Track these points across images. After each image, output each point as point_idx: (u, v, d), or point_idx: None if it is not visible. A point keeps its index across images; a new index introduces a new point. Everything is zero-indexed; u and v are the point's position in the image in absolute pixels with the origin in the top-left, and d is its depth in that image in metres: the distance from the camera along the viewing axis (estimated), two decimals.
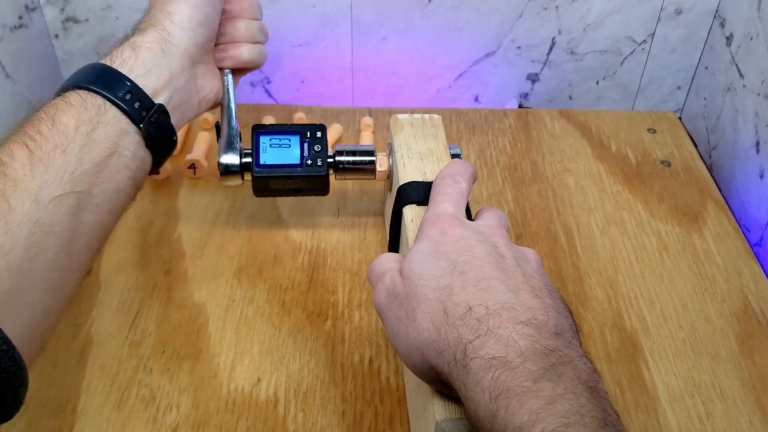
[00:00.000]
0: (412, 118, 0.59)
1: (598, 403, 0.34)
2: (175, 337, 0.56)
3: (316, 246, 0.64)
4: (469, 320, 0.36)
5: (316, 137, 0.60)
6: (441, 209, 0.45)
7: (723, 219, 0.68)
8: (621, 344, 0.57)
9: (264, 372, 0.54)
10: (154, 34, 0.51)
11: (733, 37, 0.75)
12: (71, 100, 0.45)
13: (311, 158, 0.60)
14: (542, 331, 0.36)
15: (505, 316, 0.36)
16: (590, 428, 0.32)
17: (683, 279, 0.62)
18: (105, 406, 0.51)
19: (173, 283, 0.61)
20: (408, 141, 0.57)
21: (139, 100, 0.47)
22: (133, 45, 0.50)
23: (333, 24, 0.79)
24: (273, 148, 0.60)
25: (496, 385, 0.34)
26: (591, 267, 0.63)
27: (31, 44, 0.75)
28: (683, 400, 0.53)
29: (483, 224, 0.43)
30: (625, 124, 0.80)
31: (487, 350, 0.35)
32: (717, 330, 0.58)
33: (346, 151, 0.61)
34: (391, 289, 0.41)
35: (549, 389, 0.33)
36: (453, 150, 0.57)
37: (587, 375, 0.35)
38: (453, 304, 0.37)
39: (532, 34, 0.80)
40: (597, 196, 0.71)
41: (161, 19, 0.52)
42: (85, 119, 0.45)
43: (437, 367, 0.38)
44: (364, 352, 0.56)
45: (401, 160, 0.55)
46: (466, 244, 0.40)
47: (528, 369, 0.34)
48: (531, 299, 0.37)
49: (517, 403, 0.33)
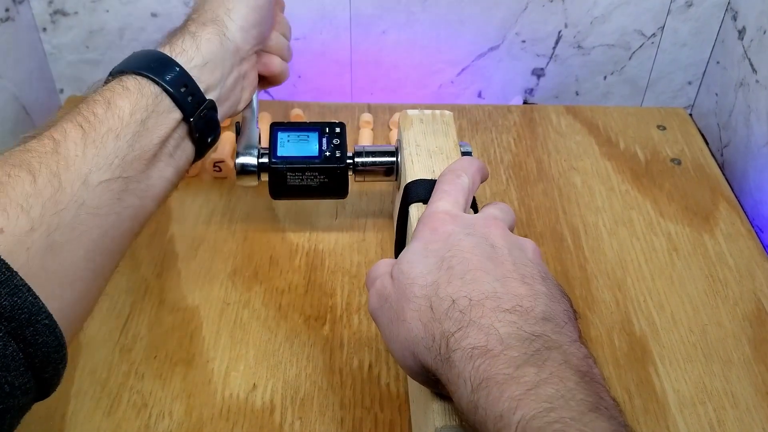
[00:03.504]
0: (422, 114, 0.59)
1: (588, 388, 0.33)
2: (167, 342, 0.56)
3: (313, 247, 0.64)
4: (452, 313, 0.37)
5: (335, 132, 0.61)
6: (435, 207, 0.45)
7: (735, 219, 0.69)
8: (629, 349, 0.57)
9: (260, 378, 0.54)
10: (214, 28, 0.52)
11: (745, 31, 0.75)
12: (128, 85, 0.47)
13: (330, 151, 0.60)
14: (527, 318, 0.36)
15: (489, 306, 0.37)
16: (576, 411, 0.32)
17: (694, 281, 0.62)
18: (95, 413, 0.51)
19: (166, 286, 0.61)
20: (417, 138, 0.57)
21: (192, 94, 0.49)
22: (193, 35, 0.51)
23: (331, 17, 0.79)
24: (291, 142, 0.60)
25: (476, 375, 0.34)
26: (598, 269, 0.63)
27: (18, 38, 0.76)
28: (694, 407, 0.53)
29: (478, 217, 0.44)
30: (633, 120, 0.80)
31: (468, 341, 0.36)
32: (729, 334, 0.58)
33: (366, 151, 0.60)
34: (382, 292, 0.42)
35: (532, 375, 0.34)
36: (464, 148, 0.57)
37: (578, 360, 0.35)
38: (438, 299, 0.38)
39: (538, 27, 0.80)
40: (605, 196, 0.71)
41: (220, 15, 0.53)
42: (141, 106, 0.46)
43: (427, 364, 0.38)
44: (363, 358, 0.56)
45: (409, 157, 0.55)
46: (455, 240, 0.41)
47: (509, 356, 0.34)
48: (519, 287, 0.38)
49: (498, 392, 0.33)
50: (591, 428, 0.32)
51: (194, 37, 0.51)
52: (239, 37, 0.54)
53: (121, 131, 0.45)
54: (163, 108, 0.48)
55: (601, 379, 0.35)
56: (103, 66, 0.81)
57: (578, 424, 0.32)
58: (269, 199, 0.68)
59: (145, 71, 0.48)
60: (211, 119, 0.52)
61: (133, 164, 0.45)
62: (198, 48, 0.51)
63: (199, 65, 0.50)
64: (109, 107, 0.45)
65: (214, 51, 0.52)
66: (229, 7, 0.54)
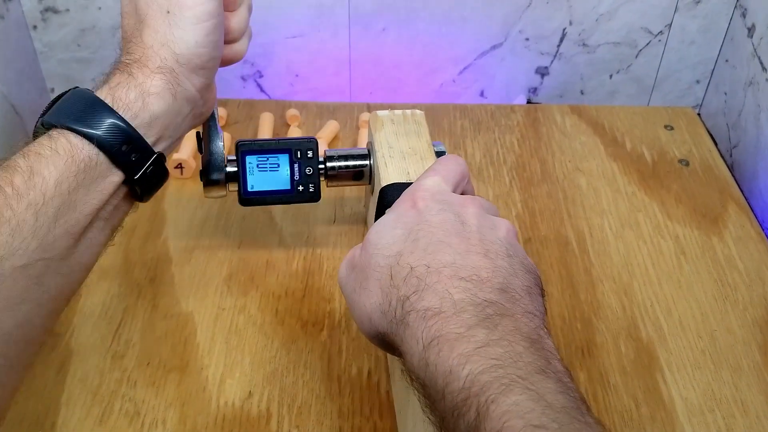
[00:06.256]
0: (393, 115, 0.59)
1: (537, 353, 0.35)
2: (160, 348, 0.56)
3: (311, 251, 0.64)
4: (410, 279, 0.39)
5: (308, 157, 0.59)
6: (420, 184, 0.45)
7: (745, 221, 0.69)
8: (636, 355, 0.57)
9: (256, 385, 0.54)
10: (163, 79, 0.46)
11: (755, 28, 0.75)
12: (58, 146, 0.41)
13: (303, 183, 0.58)
14: (483, 287, 0.38)
15: (446, 273, 0.38)
16: (523, 371, 0.34)
17: (702, 286, 0.62)
18: (86, 422, 0.51)
19: (159, 291, 0.61)
20: (389, 139, 0.57)
21: (137, 151, 0.44)
22: (141, 89, 0.45)
23: (329, 14, 0.79)
24: (261, 171, 0.58)
25: (428, 334, 0.36)
26: (604, 273, 0.63)
27: (8, 36, 0.76)
28: (702, 415, 0.53)
29: (458, 195, 0.45)
30: (640, 120, 0.80)
31: (423, 303, 0.38)
32: (738, 340, 0.58)
33: (338, 155, 0.60)
34: (351, 261, 0.44)
35: (482, 335, 0.35)
36: (437, 147, 0.57)
37: (529, 329, 0.36)
38: (399, 268, 0.40)
39: (542, 24, 0.80)
40: (611, 198, 0.71)
41: (166, 58, 0.46)
42: (70, 173, 0.41)
43: (382, 328, 0.40)
44: (362, 365, 0.56)
45: (382, 159, 0.55)
46: (427, 215, 0.42)
47: (461, 318, 0.36)
48: (479, 260, 0.39)
49: (448, 349, 0.35)
50: (537, 386, 0.33)
51: (142, 92, 0.45)
52: (196, 81, 0.48)
53: (43, 206, 0.39)
54: (99, 172, 0.42)
55: (554, 350, 0.37)
56: (94, 65, 0.81)
57: (525, 381, 0.33)
58: None
59: (79, 126, 0.42)
60: (158, 172, 0.47)
61: (56, 244, 0.40)
62: (144, 104, 0.45)
63: (146, 122, 0.45)
64: (31, 176, 0.39)
65: (166, 108, 0.46)
66: (176, 49, 0.47)
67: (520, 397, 0.33)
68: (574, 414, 0.33)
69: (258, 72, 0.83)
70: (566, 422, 0.32)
